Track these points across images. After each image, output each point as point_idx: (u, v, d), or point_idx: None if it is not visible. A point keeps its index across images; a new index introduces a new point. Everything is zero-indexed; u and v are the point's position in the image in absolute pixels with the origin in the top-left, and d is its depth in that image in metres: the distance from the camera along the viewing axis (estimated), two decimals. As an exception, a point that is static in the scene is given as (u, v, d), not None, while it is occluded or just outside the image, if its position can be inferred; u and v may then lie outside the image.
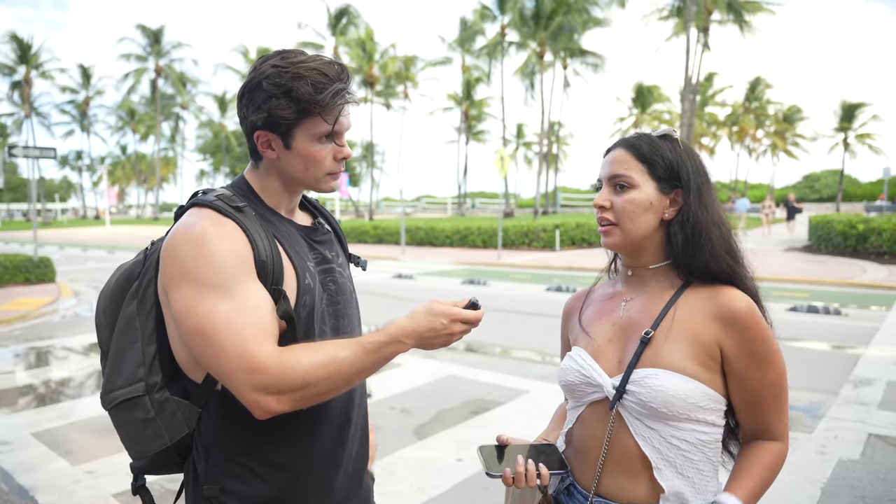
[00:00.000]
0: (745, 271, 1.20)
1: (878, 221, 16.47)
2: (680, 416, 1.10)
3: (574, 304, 1.40)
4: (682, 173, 1.20)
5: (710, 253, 1.17)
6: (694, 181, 1.19)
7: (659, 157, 1.20)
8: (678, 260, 1.19)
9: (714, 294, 1.15)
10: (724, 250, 1.18)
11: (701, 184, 1.20)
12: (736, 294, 1.15)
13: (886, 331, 7.77)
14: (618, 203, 1.20)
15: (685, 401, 1.09)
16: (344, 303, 1.28)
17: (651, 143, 1.21)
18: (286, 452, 1.17)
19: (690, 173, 1.20)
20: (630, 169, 1.20)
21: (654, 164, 1.19)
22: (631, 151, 1.21)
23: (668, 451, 1.13)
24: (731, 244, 1.20)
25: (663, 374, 1.10)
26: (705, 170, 1.23)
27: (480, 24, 40.98)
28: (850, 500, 3.33)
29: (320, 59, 1.15)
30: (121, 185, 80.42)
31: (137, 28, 52.78)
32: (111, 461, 3.91)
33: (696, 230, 1.17)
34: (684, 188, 1.20)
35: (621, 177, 1.20)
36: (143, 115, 61.82)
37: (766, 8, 32.63)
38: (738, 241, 1.23)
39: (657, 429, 1.12)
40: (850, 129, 49.93)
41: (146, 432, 1.16)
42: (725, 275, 1.18)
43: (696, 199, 1.18)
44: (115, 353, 1.18)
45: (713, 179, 1.25)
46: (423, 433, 4.40)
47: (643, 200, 1.18)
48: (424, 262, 18.57)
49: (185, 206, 1.18)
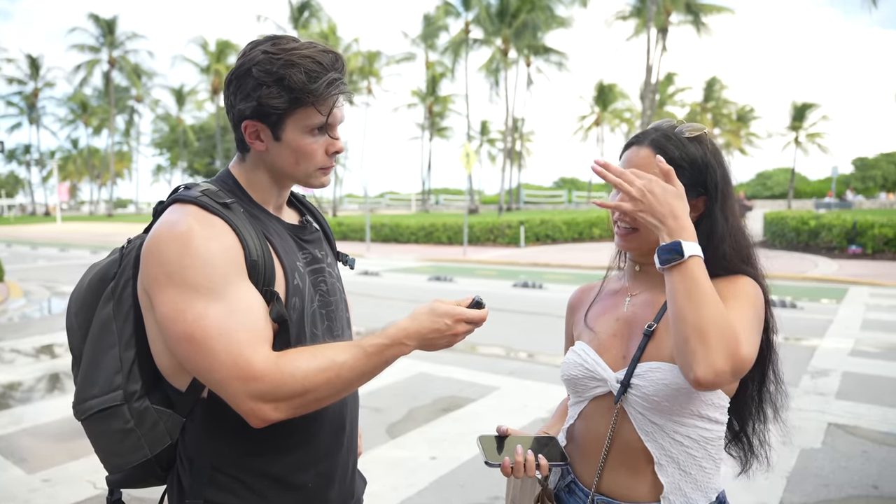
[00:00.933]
0: (756, 273, 1.19)
1: (828, 218, 17.14)
2: (683, 412, 1.09)
3: (579, 298, 1.37)
4: (709, 182, 1.15)
5: (727, 258, 1.15)
6: (721, 190, 1.15)
7: (687, 162, 1.14)
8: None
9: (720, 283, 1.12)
10: (739, 259, 1.16)
11: (726, 192, 1.16)
12: (743, 276, 1.14)
13: (839, 323, 8.06)
14: None
15: (689, 395, 1.08)
16: (335, 304, 1.22)
17: (681, 146, 1.15)
18: (278, 462, 1.11)
19: (718, 181, 1.15)
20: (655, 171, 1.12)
21: (682, 167, 1.13)
22: (659, 152, 1.14)
23: (670, 447, 1.11)
24: (748, 253, 1.18)
25: (666, 367, 1.09)
26: (729, 176, 1.19)
27: (444, 19, 40.93)
28: (815, 488, 3.43)
29: (314, 47, 1.09)
30: (72, 180, 77.52)
31: (90, 18, 50.90)
32: (68, 469, 3.74)
33: (714, 240, 1.14)
34: (710, 197, 1.16)
35: None
36: (95, 108, 59.63)
37: (725, 8, 33.53)
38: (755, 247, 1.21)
39: (661, 424, 1.11)
40: (801, 129, 51.72)
41: (125, 444, 1.08)
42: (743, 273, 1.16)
43: (720, 210, 1.15)
44: (90, 359, 1.10)
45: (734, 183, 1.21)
46: (396, 432, 4.35)
47: None
48: (390, 258, 18.46)
49: (165, 203, 1.11)
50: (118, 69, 52.92)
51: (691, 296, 0.99)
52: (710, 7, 33.48)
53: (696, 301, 0.98)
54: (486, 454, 1.16)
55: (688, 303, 0.98)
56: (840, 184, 53.20)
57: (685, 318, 0.98)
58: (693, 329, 0.97)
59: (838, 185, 49.98)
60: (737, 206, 1.21)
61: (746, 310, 1.07)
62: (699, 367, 0.97)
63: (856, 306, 9.32)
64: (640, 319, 1.18)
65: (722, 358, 0.96)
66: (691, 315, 0.98)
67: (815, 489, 3.42)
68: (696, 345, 0.97)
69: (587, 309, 1.30)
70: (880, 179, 58.65)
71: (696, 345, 0.97)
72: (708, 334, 0.97)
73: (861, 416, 4.57)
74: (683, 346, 0.99)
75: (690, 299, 0.98)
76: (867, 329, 7.67)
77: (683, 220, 1.03)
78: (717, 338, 0.96)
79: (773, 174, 70.70)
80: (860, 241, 15.54)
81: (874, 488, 3.43)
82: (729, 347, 0.97)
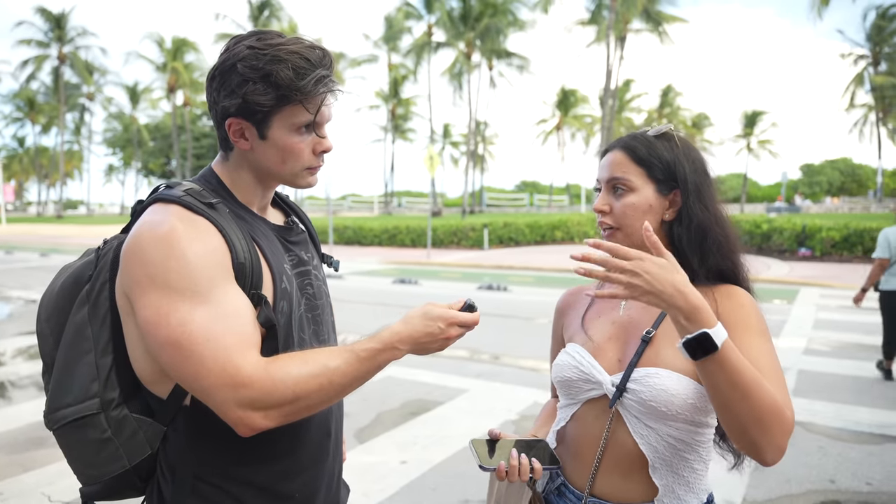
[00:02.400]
0: (744, 271, 1.21)
1: (779, 221, 17.78)
2: (678, 416, 1.10)
3: (567, 300, 1.37)
4: (678, 173, 1.18)
5: (719, 251, 1.17)
6: (692, 181, 1.18)
7: (656, 159, 1.18)
8: (687, 260, 1.16)
9: (716, 292, 1.15)
10: (729, 249, 1.18)
11: (700, 183, 1.19)
12: (735, 287, 1.16)
13: (793, 323, 8.35)
14: (617, 207, 1.18)
15: (685, 401, 1.09)
16: (321, 308, 1.20)
17: (648, 143, 1.19)
18: (264, 471, 1.08)
19: (688, 173, 1.18)
20: (628, 172, 1.18)
21: (652, 165, 1.17)
22: (628, 153, 1.19)
23: (664, 450, 1.12)
24: (733, 241, 1.20)
25: (664, 373, 1.10)
26: (705, 167, 1.22)
27: (403, 23, 40.91)
28: (777, 483, 3.53)
29: (301, 43, 1.06)
30: (18, 180, 74.33)
31: (38, 12, 48.95)
32: (20, 481, 3.57)
33: (699, 231, 1.16)
34: (682, 189, 1.18)
35: (619, 180, 1.18)
36: (43, 106, 57.32)
37: (678, 18, 34.48)
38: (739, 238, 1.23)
39: (655, 428, 1.12)
40: (752, 136, 53.55)
41: (102, 454, 1.03)
42: (731, 273, 1.19)
43: (695, 200, 1.17)
44: (63, 366, 1.04)
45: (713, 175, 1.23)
46: (364, 437, 4.30)
47: (642, 203, 1.17)
48: (353, 261, 18.30)
49: (145, 202, 1.06)
50: (69, 65, 51.07)
51: (736, 386, 0.94)
52: (665, 16, 34.39)
53: (742, 390, 0.94)
54: (479, 458, 1.15)
55: (734, 393, 0.95)
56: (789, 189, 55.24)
57: (733, 410, 0.96)
58: (748, 419, 0.96)
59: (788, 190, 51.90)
60: (718, 196, 1.23)
61: (763, 345, 1.07)
62: (768, 454, 0.98)
63: (807, 307, 9.68)
64: (636, 324, 1.19)
65: (781, 435, 0.97)
66: (741, 406, 0.95)
67: (778, 485, 3.52)
68: (756, 434, 0.97)
69: (584, 312, 1.30)
70: (825, 185, 61.23)
71: (756, 434, 0.97)
72: (763, 421, 0.96)
73: (816, 412, 4.74)
74: (741, 436, 0.98)
75: (736, 389, 0.95)
76: (819, 328, 7.97)
77: (692, 296, 0.95)
78: (772, 420, 0.96)
79: (726, 179, 72.89)
80: (809, 244, 16.16)
81: (831, 482, 3.56)
82: (783, 423, 0.97)
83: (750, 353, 1.04)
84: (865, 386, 5.51)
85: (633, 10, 31.35)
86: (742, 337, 1.07)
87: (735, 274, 1.19)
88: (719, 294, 1.15)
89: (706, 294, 1.15)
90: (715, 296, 1.15)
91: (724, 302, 1.14)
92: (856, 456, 3.94)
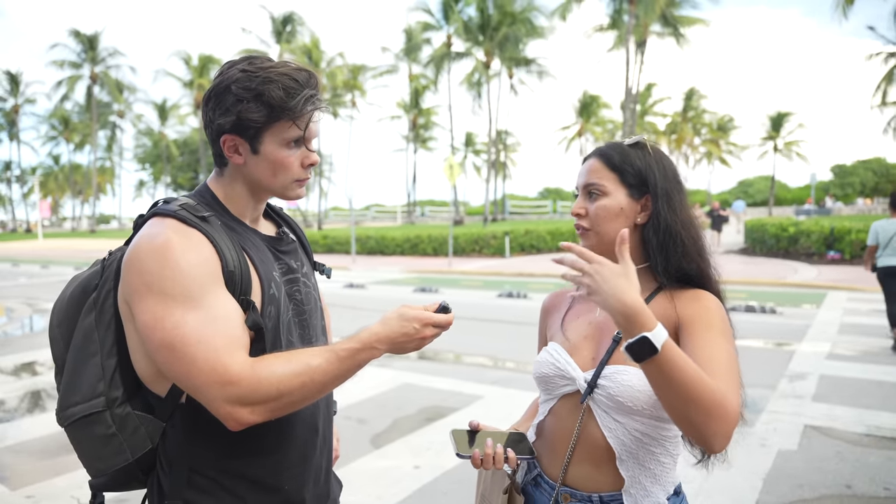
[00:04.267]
0: (713, 272, 1.27)
1: (807, 224, 17.45)
2: (643, 412, 1.16)
3: (552, 302, 1.45)
4: (650, 179, 1.25)
5: (683, 254, 1.23)
6: (661, 187, 1.25)
7: (629, 165, 1.26)
8: (655, 262, 1.24)
9: (684, 295, 1.22)
10: (695, 252, 1.25)
11: (669, 189, 1.26)
12: (703, 292, 1.22)
13: (817, 327, 8.21)
14: (591, 210, 1.26)
15: (650, 397, 1.14)
16: (309, 312, 1.27)
17: (622, 151, 1.27)
18: (254, 465, 1.16)
19: (658, 179, 1.25)
20: (602, 177, 1.26)
21: (625, 171, 1.25)
22: (603, 160, 1.28)
23: (631, 444, 1.18)
24: (700, 245, 1.26)
25: (632, 370, 1.16)
26: (675, 174, 1.29)
27: (421, 35, 41.26)
28: (790, 488, 3.51)
29: (289, 66, 1.16)
30: (54, 196, 76.54)
31: (71, 34, 50.61)
32: (52, 484, 3.73)
33: (667, 233, 1.23)
34: (652, 194, 1.25)
35: (594, 185, 1.27)
36: (77, 124, 59.14)
37: (698, 20, 34.14)
38: (707, 244, 1.29)
39: (623, 422, 1.18)
40: (779, 137, 52.65)
41: (107, 448, 1.12)
42: (696, 275, 1.24)
43: (664, 204, 1.24)
44: (72, 367, 1.14)
45: (685, 183, 1.31)
46: (380, 442, 4.38)
47: (614, 206, 1.24)
48: (376, 271, 18.47)
49: (145, 216, 1.16)
50: (100, 85, 52.61)
51: (680, 385, 0.99)
52: (684, 19, 34.07)
53: (685, 388, 0.99)
54: (457, 446, 1.23)
55: (678, 390, 1.00)
56: (819, 191, 54.11)
57: (678, 407, 1.02)
58: (692, 413, 1.01)
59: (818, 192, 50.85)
60: (687, 202, 1.29)
61: (721, 343, 1.12)
62: (714, 443, 1.02)
63: (834, 311, 9.51)
64: (610, 324, 1.26)
65: (724, 426, 1.01)
66: (685, 402, 1.00)
67: (791, 489, 3.50)
68: (702, 427, 1.01)
69: (564, 313, 1.37)
70: (858, 186, 59.74)
71: (701, 427, 1.01)
72: (708, 415, 1.00)
73: (837, 417, 4.68)
74: (688, 428, 1.03)
75: (680, 387, 0.99)
76: (844, 333, 7.83)
77: (630, 301, 0.99)
78: (715, 413, 1.00)
79: (753, 182, 71.79)
80: (838, 247, 15.83)
81: (847, 487, 3.52)
82: (727, 416, 1.01)
83: (706, 349, 1.10)
84: (891, 391, 5.41)
85: (651, 14, 31.17)
86: (702, 334, 1.14)
87: (701, 277, 1.25)
88: (684, 298, 1.21)
89: (669, 297, 1.21)
90: (676, 300, 1.21)
91: (688, 304, 1.19)
92: (875, 461, 3.88)
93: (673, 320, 1.19)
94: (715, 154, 58.11)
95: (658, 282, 1.26)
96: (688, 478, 3.59)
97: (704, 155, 60.18)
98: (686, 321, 1.17)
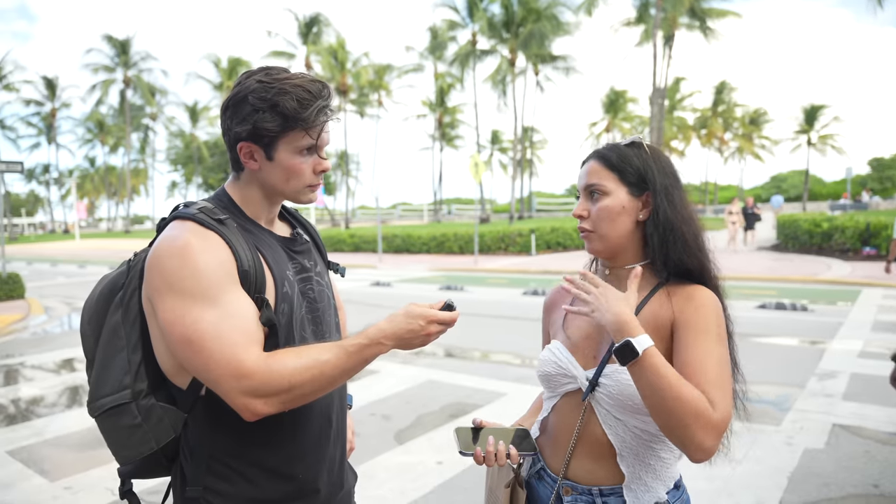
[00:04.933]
0: (712, 267, 1.29)
1: (841, 220, 16.99)
2: (643, 410, 1.18)
3: (553, 299, 1.47)
4: (648, 177, 1.27)
5: (684, 248, 1.25)
6: (660, 183, 1.27)
7: (627, 164, 1.28)
8: (655, 258, 1.26)
9: (683, 291, 1.23)
10: (695, 246, 1.26)
11: (668, 185, 1.28)
12: (701, 288, 1.24)
13: (850, 325, 8.03)
14: (593, 211, 1.29)
15: None
16: (322, 310, 1.33)
17: (619, 151, 1.30)
18: (270, 455, 1.22)
19: (657, 176, 1.28)
20: (602, 178, 1.29)
21: (624, 171, 1.28)
22: (602, 162, 1.30)
23: (631, 441, 1.21)
24: (700, 240, 1.28)
25: None
26: (673, 171, 1.31)
27: (447, 33, 41.26)
28: (816, 487, 3.47)
29: (304, 77, 1.21)
30: (90, 198, 78.85)
31: (105, 39, 51.98)
32: (89, 476, 3.88)
33: (667, 228, 1.25)
34: (652, 190, 1.27)
35: (595, 186, 1.29)
36: (111, 127, 60.79)
37: (731, 12, 33.48)
38: (707, 239, 1.31)
39: (623, 419, 1.21)
40: (813, 131, 51.31)
41: (133, 438, 1.19)
42: (697, 270, 1.26)
43: (663, 199, 1.26)
44: (101, 361, 1.21)
45: (683, 179, 1.33)
46: (404, 438, 4.44)
47: (616, 206, 1.27)
48: (402, 269, 18.59)
49: (167, 219, 1.22)
50: (133, 88, 53.92)
51: (659, 389, 1.06)
52: (716, 11, 33.43)
53: (664, 392, 1.05)
54: (460, 444, 1.25)
55: (658, 394, 1.06)
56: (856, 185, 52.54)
57: (658, 411, 1.07)
58: (671, 419, 1.06)
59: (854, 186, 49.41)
60: (686, 198, 1.31)
61: (713, 349, 1.14)
62: (692, 452, 1.07)
63: (868, 308, 9.27)
64: None
65: (704, 435, 1.05)
66: (664, 407, 1.06)
67: (816, 488, 3.45)
68: (680, 433, 1.06)
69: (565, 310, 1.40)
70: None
71: (679, 433, 1.06)
72: (684, 421, 1.05)
73: (867, 416, 4.59)
74: (669, 433, 1.08)
75: (659, 391, 1.06)
76: (878, 331, 7.64)
77: (625, 317, 1.10)
78: (693, 421, 1.04)
79: (787, 177, 70.11)
80: (874, 243, 15.40)
81: (874, 487, 3.46)
82: (707, 425, 1.05)
83: (697, 355, 1.13)
84: (925, 389, 5.28)
85: (679, 7, 30.65)
86: (695, 339, 1.16)
87: (701, 273, 1.26)
88: (680, 295, 1.22)
89: (666, 294, 1.23)
90: (673, 296, 1.23)
91: (684, 304, 1.21)
92: (905, 461, 3.81)
93: (670, 319, 1.21)
94: (747, 149, 56.93)
95: (658, 279, 1.28)
96: (711, 476, 3.58)
97: (736, 150, 59.01)
98: (681, 323, 1.19)
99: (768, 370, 5.82)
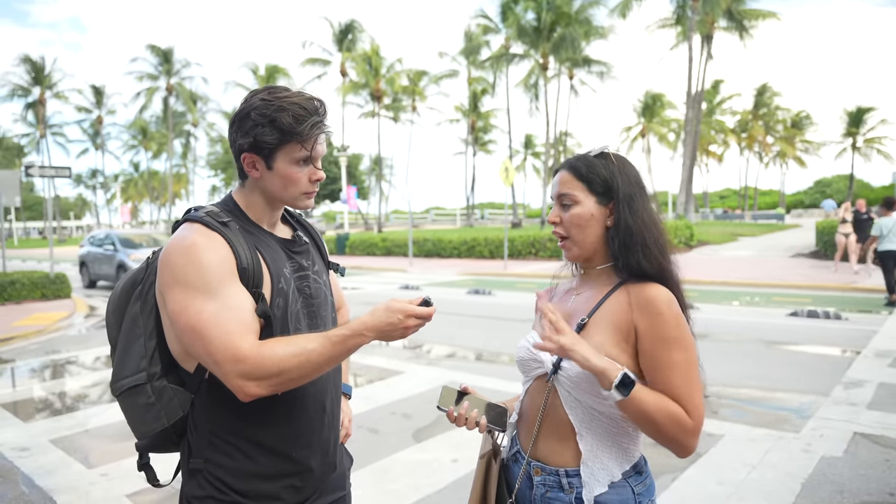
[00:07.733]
0: (672, 269, 1.37)
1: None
2: (602, 393, 1.27)
3: (540, 297, 1.61)
4: (613, 186, 1.37)
5: (643, 252, 1.34)
6: (624, 192, 1.37)
7: (595, 175, 1.38)
8: (617, 261, 1.37)
9: (639, 288, 1.32)
10: (656, 250, 1.35)
11: (631, 194, 1.38)
12: (656, 286, 1.32)
13: (884, 334, 7.83)
14: (565, 218, 1.40)
15: None
16: (318, 305, 1.47)
17: (588, 163, 1.40)
18: (267, 433, 1.36)
19: (621, 185, 1.37)
20: (572, 188, 1.39)
21: (592, 181, 1.38)
22: (572, 172, 1.41)
23: (591, 421, 1.32)
24: (661, 244, 1.37)
25: None
26: (638, 180, 1.41)
27: (481, 37, 41.42)
28: (829, 494, 3.46)
29: (301, 95, 1.36)
30: (134, 201, 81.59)
31: (148, 48, 53.70)
32: (124, 464, 4.11)
33: (626, 233, 1.35)
34: (615, 199, 1.37)
35: (566, 195, 1.40)
36: (154, 133, 62.79)
37: (770, 13, 32.74)
38: (668, 242, 1.40)
39: (583, 401, 1.31)
40: (858, 134, 49.72)
41: (148, 415, 1.35)
42: (656, 273, 1.34)
43: (625, 208, 1.36)
44: (122, 347, 1.38)
45: (649, 187, 1.43)
46: (422, 436, 4.57)
47: (585, 214, 1.38)
48: (431, 273, 18.74)
49: (179, 221, 1.38)
50: (175, 95, 55.61)
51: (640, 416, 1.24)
52: (754, 13, 32.74)
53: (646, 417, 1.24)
54: (440, 400, 1.41)
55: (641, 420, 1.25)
56: (904, 190, 50.66)
57: (644, 427, 1.27)
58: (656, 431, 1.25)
59: (902, 191, 47.63)
60: (649, 205, 1.40)
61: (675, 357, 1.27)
62: (678, 453, 1.28)
63: (906, 317, 9.02)
64: (578, 313, 1.40)
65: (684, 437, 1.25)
66: (649, 424, 1.25)
67: (830, 495, 3.44)
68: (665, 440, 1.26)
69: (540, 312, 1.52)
70: (949, 184, 55.60)
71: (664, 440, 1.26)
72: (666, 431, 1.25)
73: (890, 426, 4.51)
74: (657, 441, 1.28)
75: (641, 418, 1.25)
76: (914, 340, 7.44)
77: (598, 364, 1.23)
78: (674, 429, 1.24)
79: (832, 181, 68.09)
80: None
81: (890, 495, 3.43)
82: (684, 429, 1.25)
83: (663, 370, 1.26)
84: (956, 400, 5.15)
85: (717, 9, 30.14)
86: (660, 351, 1.26)
87: (661, 274, 1.35)
88: (638, 297, 1.30)
89: (631, 290, 1.33)
90: (632, 298, 1.31)
91: (642, 312, 1.29)
92: (926, 470, 3.75)
93: (629, 322, 1.30)
94: (789, 153, 55.48)
95: (620, 278, 1.37)
96: (723, 479, 3.60)
97: (777, 154, 57.55)
98: (641, 333, 1.29)
99: (793, 378, 5.75)
